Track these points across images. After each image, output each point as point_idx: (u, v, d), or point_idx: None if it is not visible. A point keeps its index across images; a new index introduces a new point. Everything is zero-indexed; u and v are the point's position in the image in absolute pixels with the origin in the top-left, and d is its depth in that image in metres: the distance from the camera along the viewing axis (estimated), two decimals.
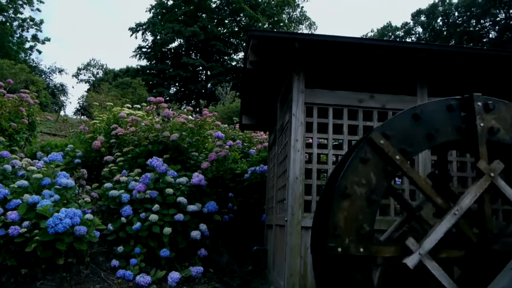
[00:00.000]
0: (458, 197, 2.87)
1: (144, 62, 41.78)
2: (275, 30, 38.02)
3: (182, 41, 40.30)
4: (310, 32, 42.39)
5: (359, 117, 4.56)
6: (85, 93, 36.05)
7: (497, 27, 55.76)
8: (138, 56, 41.88)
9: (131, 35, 42.03)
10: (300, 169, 4.32)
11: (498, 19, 55.52)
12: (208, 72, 40.05)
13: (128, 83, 30.11)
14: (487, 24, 56.89)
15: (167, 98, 35.29)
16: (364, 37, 44.83)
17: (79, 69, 49.87)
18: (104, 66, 49.52)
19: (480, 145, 2.84)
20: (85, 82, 49.28)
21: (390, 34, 62.63)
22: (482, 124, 2.84)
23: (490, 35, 56.19)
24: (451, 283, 2.62)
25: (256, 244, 7.09)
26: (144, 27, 41.44)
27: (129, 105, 9.31)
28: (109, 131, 8.18)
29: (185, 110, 10.25)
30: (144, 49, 41.77)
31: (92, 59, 50.49)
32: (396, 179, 5.64)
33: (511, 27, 53.41)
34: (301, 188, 4.29)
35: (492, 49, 4.52)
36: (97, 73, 49.42)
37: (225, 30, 42.39)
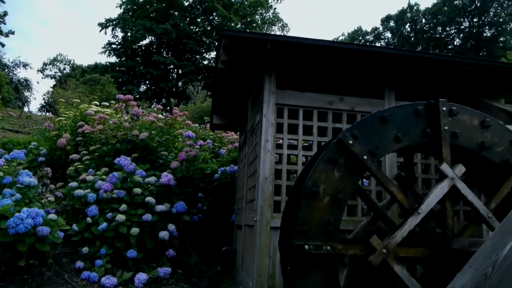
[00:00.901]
0: (422, 198, 2.97)
1: (113, 59, 40.89)
2: (248, 30, 38.08)
3: (153, 38, 39.68)
4: (282, 34, 42.64)
5: (329, 119, 4.62)
6: (51, 89, 34.91)
7: (461, 35, 57.96)
8: (107, 52, 40.91)
9: (101, 30, 41.02)
10: (270, 169, 4.34)
11: (462, 27, 57.73)
12: (180, 70, 39.63)
13: (96, 80, 29.36)
14: (452, 31, 59.03)
15: (137, 96, 34.57)
16: (335, 40, 45.51)
17: (44, 64, 48.27)
18: (72, 62, 48.11)
19: (443, 148, 2.94)
20: (51, 78, 47.76)
21: (361, 38, 63.94)
22: (446, 128, 2.94)
23: (455, 42, 58.32)
24: (412, 282, 2.70)
25: (225, 245, 7.07)
26: (114, 23, 40.52)
27: (97, 103, 9.08)
28: (75, 128, 7.95)
29: (155, 108, 10.12)
30: (114, 46, 40.83)
31: (59, 54, 48.96)
32: (364, 180, 5.76)
33: (474, 36, 55.63)
34: (270, 188, 4.31)
35: (456, 56, 4.69)
36: (64, 68, 47.97)
37: (198, 29, 42.04)
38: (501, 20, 54.72)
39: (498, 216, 3.33)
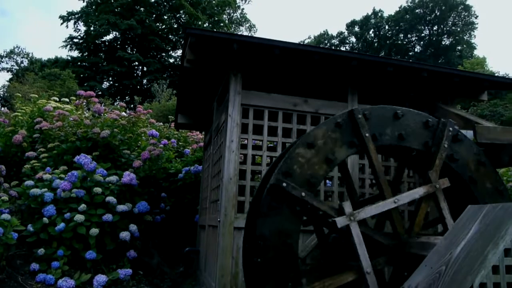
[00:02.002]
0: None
1: (75, 54, 39.55)
2: (215, 29, 37.87)
3: (117, 34, 38.68)
4: (249, 35, 42.75)
5: (293, 121, 4.67)
6: (7, 83, 33.29)
7: (422, 42, 60.26)
8: (69, 46, 39.50)
9: (62, 23, 39.56)
10: (235, 169, 4.33)
11: (423, 35, 60.03)
12: (145, 68, 38.85)
13: (56, 74, 28.31)
14: (413, 39, 61.27)
15: (99, 93, 33.73)
16: (302, 43, 46.10)
17: (0, 56, 45.92)
18: (30, 55, 46.04)
19: (371, 154, 3.01)
20: (7, 71, 45.45)
21: (326, 41, 65.08)
22: (367, 135, 2.99)
23: (416, 49, 60.59)
24: (365, 256, 2.77)
25: (188, 245, 7.00)
26: (76, 16, 39.18)
27: (57, 98, 8.73)
28: (32, 125, 7.62)
29: (118, 106, 9.85)
30: (76, 40, 39.47)
31: (17, 47, 46.67)
32: (327, 181, 5.88)
33: (434, 44, 57.96)
34: (235, 189, 4.30)
35: (416, 63, 4.86)
36: (22, 62, 45.79)
37: (164, 26, 41.36)
38: (458, 29, 57.35)
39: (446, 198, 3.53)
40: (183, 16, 41.11)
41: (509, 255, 2.08)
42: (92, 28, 38.29)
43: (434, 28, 58.69)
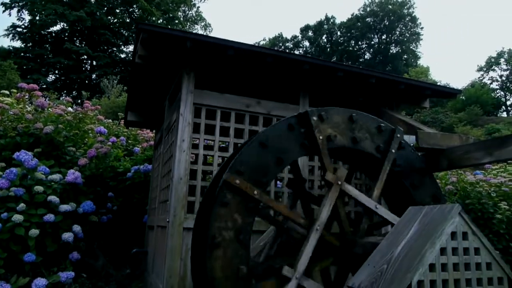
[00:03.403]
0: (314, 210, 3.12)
1: (18, 44, 37.25)
2: (169, 26, 37.17)
3: (65, 25, 36.90)
4: (204, 33, 42.44)
5: (246, 121, 4.69)
6: None
7: (371, 50, 62.75)
8: (11, 36, 37.11)
9: (4, 11, 37.07)
10: (185, 169, 4.27)
11: (372, 42, 62.53)
12: (94, 62, 37.37)
13: None
14: (363, 46, 63.67)
15: (44, 86, 32.03)
16: (257, 44, 46.43)
17: None
18: None
19: (323, 157, 3.08)
20: None
21: (281, 44, 66.01)
22: (321, 137, 3.06)
23: (366, 56, 63.03)
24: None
25: (136, 246, 6.82)
26: (20, 4, 36.90)
27: None
28: None
29: (64, 101, 9.40)
30: (19, 29, 37.18)
31: None
32: (278, 182, 5.95)
33: (382, 51, 60.53)
34: (185, 189, 4.25)
35: (365, 69, 5.04)
36: None
37: (116, 20, 40.03)
38: (405, 39, 60.30)
39: (390, 202, 3.68)
40: (136, 10, 40.01)
41: (445, 253, 2.20)
42: (37, 18, 36.21)
43: (383, 37, 61.38)
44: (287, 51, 55.49)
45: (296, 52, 57.69)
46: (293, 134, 3.03)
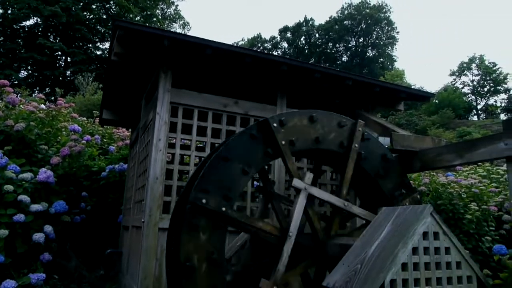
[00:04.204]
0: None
1: None
2: (147, 24, 36.69)
3: (39, 20, 35.88)
4: (183, 32, 42.08)
5: (223, 121, 4.67)
6: None
7: (349, 52, 63.63)
8: None
9: None
10: (161, 169, 4.22)
11: (350, 45, 63.42)
12: (69, 58, 36.48)
13: None
14: (341, 48, 64.50)
15: (16, 82, 31.08)
16: (235, 44, 46.37)
17: None
18: None
19: (288, 162, 3.12)
20: None
21: (260, 45, 66.13)
22: (283, 143, 3.09)
23: (343, 59, 63.86)
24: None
25: (110, 247, 6.70)
26: None
27: None
28: None
29: (36, 98, 9.14)
30: None
31: None
32: (255, 182, 5.95)
33: (359, 54, 61.46)
34: (161, 188, 4.20)
35: (341, 71, 5.10)
36: None
37: (92, 16, 39.20)
38: (381, 43, 61.41)
39: (359, 193, 3.74)
40: (113, 7, 39.29)
41: (417, 253, 2.25)
42: (9, 11, 35.07)
43: (360, 40, 62.34)
44: (266, 51, 55.68)
45: (275, 53, 57.90)
46: (256, 143, 3.03)
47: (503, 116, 44.03)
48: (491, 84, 49.43)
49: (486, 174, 7.78)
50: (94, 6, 38.90)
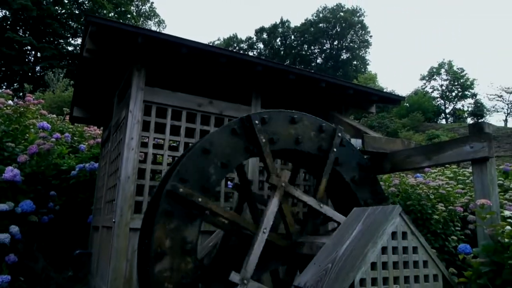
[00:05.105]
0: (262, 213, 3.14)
1: None
2: (121, 21, 36.00)
3: (7, 13, 34.64)
4: (158, 30, 41.54)
5: (197, 121, 4.64)
6: None
7: (323, 55, 64.41)
8: None
9: None
10: (133, 168, 4.16)
11: (325, 48, 64.20)
12: (39, 53, 35.39)
13: None
14: (316, 50, 65.23)
15: None
16: (211, 44, 46.18)
17: None
18: None
19: (267, 159, 3.14)
20: None
21: (235, 45, 66.08)
22: (264, 140, 3.11)
23: (318, 61, 64.62)
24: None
25: (80, 248, 6.54)
26: None
27: None
28: None
29: (3, 93, 8.83)
30: None
31: None
32: (228, 183, 5.95)
33: (334, 57, 62.33)
34: (132, 188, 4.13)
35: (316, 73, 5.16)
36: None
37: (64, 11, 38.15)
38: (355, 46, 62.49)
39: (333, 198, 3.79)
40: (86, 2, 38.38)
41: (386, 252, 2.30)
42: None
43: (335, 43, 63.24)
44: (242, 52, 55.63)
45: (251, 54, 57.99)
46: (237, 138, 3.06)
47: (469, 120, 45.63)
48: (459, 89, 51.18)
49: (453, 176, 8.05)
50: (66, 1, 37.89)
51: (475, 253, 2.69)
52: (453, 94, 52.05)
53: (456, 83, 51.21)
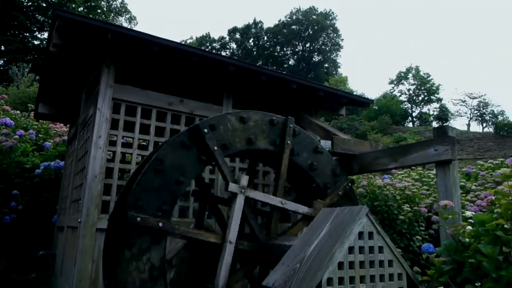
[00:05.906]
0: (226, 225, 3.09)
1: None
2: (91, 16, 35.10)
3: None
4: (129, 27, 40.73)
5: (168, 120, 4.59)
6: None
7: (296, 57, 64.99)
8: None
9: None
10: (101, 167, 4.06)
11: (297, 50, 64.80)
12: (2, 47, 34.00)
13: None
14: (288, 52, 65.74)
15: None
16: (184, 42, 45.73)
17: None
18: None
19: (222, 167, 3.09)
20: None
21: (208, 44, 65.71)
22: (215, 148, 3.05)
23: (290, 62, 65.11)
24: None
25: (43, 249, 6.33)
26: None
27: None
28: None
29: None
30: None
31: None
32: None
33: (306, 59, 63.00)
34: (99, 187, 4.03)
35: (287, 74, 5.20)
36: None
37: (30, 3, 36.82)
38: (327, 48, 63.40)
39: (295, 187, 3.81)
40: None
41: (352, 252, 2.35)
42: None
43: (307, 45, 63.95)
44: (214, 51, 55.39)
45: (223, 53, 57.80)
46: (188, 151, 2.97)
47: (435, 124, 47.16)
48: (425, 94, 52.84)
49: (419, 178, 8.29)
50: None
51: (437, 252, 2.78)
52: (420, 98, 53.69)
53: (422, 88, 52.84)
